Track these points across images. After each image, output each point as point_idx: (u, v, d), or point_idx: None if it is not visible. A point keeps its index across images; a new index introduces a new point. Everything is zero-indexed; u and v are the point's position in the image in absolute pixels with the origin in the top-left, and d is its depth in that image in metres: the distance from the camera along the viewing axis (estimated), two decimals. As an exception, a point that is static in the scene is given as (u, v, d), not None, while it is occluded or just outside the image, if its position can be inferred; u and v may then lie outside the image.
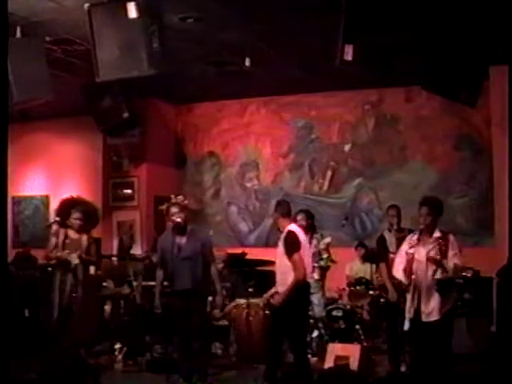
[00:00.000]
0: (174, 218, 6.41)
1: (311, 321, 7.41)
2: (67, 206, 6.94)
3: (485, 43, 6.69)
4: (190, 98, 10.62)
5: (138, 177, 10.53)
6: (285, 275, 6.04)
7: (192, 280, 6.34)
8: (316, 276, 7.39)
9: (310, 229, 7.56)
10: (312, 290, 7.34)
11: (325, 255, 7.54)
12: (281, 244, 6.13)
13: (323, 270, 7.55)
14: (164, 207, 6.58)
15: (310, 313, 7.32)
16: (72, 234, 6.77)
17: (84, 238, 6.80)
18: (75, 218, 6.73)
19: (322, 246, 7.61)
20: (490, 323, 7.37)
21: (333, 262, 7.71)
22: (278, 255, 6.18)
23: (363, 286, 8.23)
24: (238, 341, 7.55)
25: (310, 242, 7.45)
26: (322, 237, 7.72)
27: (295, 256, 5.99)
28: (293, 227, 6.23)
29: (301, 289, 6.09)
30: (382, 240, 6.89)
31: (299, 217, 7.47)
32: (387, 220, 7.06)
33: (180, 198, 6.58)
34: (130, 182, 10.57)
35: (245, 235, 10.52)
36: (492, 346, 6.92)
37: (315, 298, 7.41)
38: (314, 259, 7.40)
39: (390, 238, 6.79)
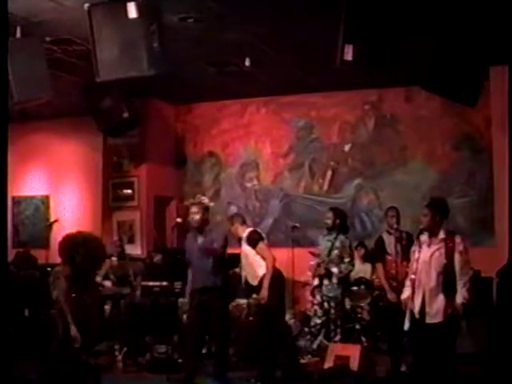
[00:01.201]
0: (192, 218, 6.58)
1: (322, 320, 7.45)
2: (69, 249, 6.82)
3: (485, 43, 6.68)
4: (190, 98, 10.61)
5: (138, 177, 10.53)
6: (252, 267, 6.65)
7: (206, 278, 6.49)
8: (334, 280, 7.39)
9: (336, 229, 7.54)
10: (331, 294, 7.39)
11: (347, 259, 7.50)
12: (244, 244, 6.72)
13: (343, 274, 7.51)
14: (187, 204, 6.77)
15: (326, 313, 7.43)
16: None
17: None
18: (79, 262, 6.65)
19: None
20: (490, 323, 7.37)
21: (353, 265, 7.69)
22: (243, 257, 6.76)
23: (363, 286, 8.23)
24: (237, 341, 7.54)
25: (333, 243, 7.47)
26: (347, 239, 7.63)
27: (260, 245, 6.63)
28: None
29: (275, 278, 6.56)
30: (380, 241, 6.95)
31: (328, 214, 7.57)
32: (386, 222, 7.08)
33: (198, 196, 6.76)
34: (130, 181, 10.57)
35: (245, 235, 10.51)
36: (492, 345, 6.91)
37: (333, 301, 7.43)
38: (334, 262, 7.44)
39: (389, 240, 6.82)
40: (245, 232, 6.78)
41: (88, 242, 6.77)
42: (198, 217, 6.51)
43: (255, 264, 6.64)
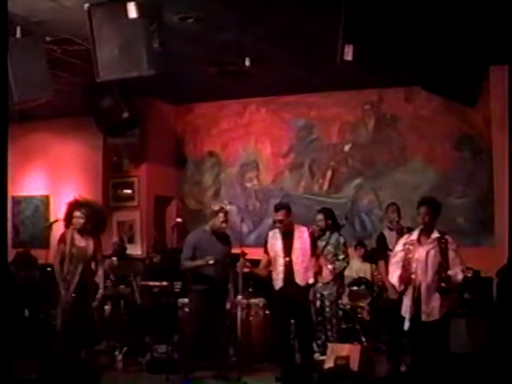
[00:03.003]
0: (222, 225, 6.71)
1: (319, 318, 7.45)
2: (70, 209, 6.80)
3: (485, 43, 6.68)
4: (190, 98, 10.62)
5: (138, 177, 10.53)
6: (307, 271, 6.53)
7: (219, 281, 6.70)
8: (329, 277, 7.38)
9: (329, 229, 7.53)
10: (325, 292, 7.39)
11: (341, 256, 7.50)
12: (305, 242, 6.56)
13: (337, 271, 7.52)
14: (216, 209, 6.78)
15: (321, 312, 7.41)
16: (78, 240, 6.51)
17: (91, 244, 6.60)
18: (77, 216, 6.56)
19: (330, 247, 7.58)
20: (489, 323, 7.37)
21: (348, 263, 7.69)
22: (299, 253, 6.54)
23: (363, 286, 8.24)
24: (238, 341, 7.53)
25: (327, 242, 7.48)
26: (341, 236, 7.63)
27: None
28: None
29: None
30: (381, 238, 6.96)
31: (318, 216, 7.53)
32: (387, 218, 7.09)
33: (225, 203, 6.91)
34: (130, 182, 10.57)
35: (245, 235, 10.50)
36: (492, 345, 6.92)
37: (327, 299, 7.42)
38: (328, 260, 7.44)
39: (390, 236, 6.83)
40: (300, 228, 6.74)
41: (84, 203, 6.86)
42: (225, 225, 6.76)
43: (309, 268, 6.63)
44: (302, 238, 6.58)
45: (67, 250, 6.41)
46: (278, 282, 6.56)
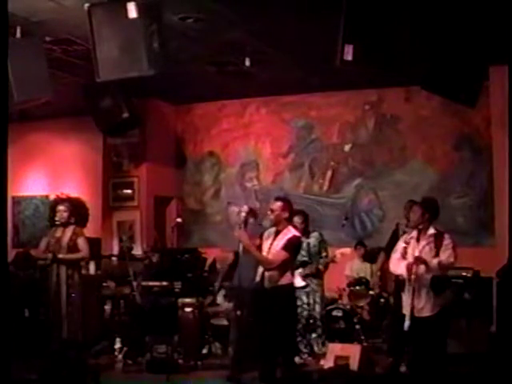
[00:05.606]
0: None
1: (311, 321, 7.43)
2: (53, 205, 7.04)
3: (485, 43, 6.68)
4: (190, 98, 10.61)
5: (138, 177, 10.53)
6: (276, 271, 6.07)
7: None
8: (301, 283, 7.29)
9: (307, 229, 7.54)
10: (318, 292, 7.39)
11: (324, 254, 7.53)
12: (279, 245, 6.15)
13: (325, 270, 7.55)
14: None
15: (311, 313, 7.38)
16: (58, 232, 6.85)
17: (67, 234, 6.80)
18: (60, 210, 6.83)
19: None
20: (489, 323, 7.38)
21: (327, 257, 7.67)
22: (274, 251, 6.19)
23: (363, 286, 8.25)
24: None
25: (309, 242, 7.48)
26: (320, 234, 7.66)
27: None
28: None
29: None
30: (395, 231, 7.10)
31: (297, 220, 7.32)
32: (404, 215, 7.18)
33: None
34: (130, 182, 10.57)
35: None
36: (492, 346, 6.92)
37: (317, 297, 7.42)
38: (316, 260, 7.43)
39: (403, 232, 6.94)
40: (289, 229, 6.48)
41: (66, 199, 7.15)
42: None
43: (278, 268, 6.59)
44: (281, 239, 6.32)
45: (48, 242, 6.86)
46: (257, 276, 6.49)
